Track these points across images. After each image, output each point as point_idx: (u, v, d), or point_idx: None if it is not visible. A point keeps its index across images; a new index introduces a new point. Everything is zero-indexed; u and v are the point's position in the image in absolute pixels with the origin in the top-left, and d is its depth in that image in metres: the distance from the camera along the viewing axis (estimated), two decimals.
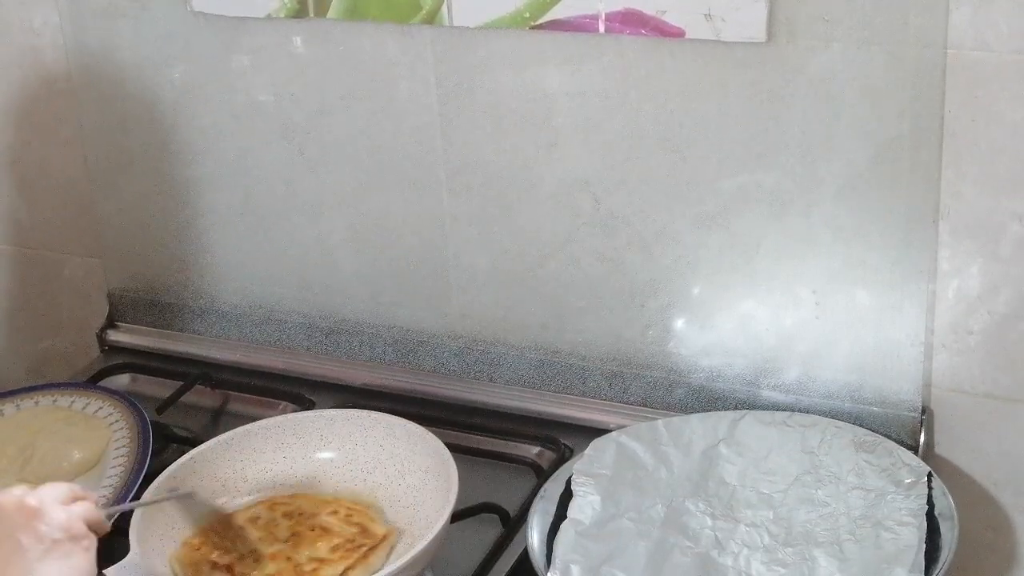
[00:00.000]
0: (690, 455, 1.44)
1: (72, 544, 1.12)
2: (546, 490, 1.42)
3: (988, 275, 1.40)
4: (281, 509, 1.42)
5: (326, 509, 1.41)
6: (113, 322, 1.87)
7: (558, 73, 1.47)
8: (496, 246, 1.60)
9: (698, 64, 1.41)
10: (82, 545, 1.13)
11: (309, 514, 1.41)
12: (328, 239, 1.69)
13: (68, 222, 1.89)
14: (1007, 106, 1.32)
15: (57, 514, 1.12)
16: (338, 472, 1.47)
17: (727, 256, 1.48)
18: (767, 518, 1.36)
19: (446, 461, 1.39)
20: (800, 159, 1.41)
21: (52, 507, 1.13)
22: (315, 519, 1.40)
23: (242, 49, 1.63)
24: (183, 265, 1.80)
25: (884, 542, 1.29)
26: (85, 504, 1.16)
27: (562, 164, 1.52)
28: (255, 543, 1.38)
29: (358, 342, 1.72)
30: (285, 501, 1.43)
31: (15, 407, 1.65)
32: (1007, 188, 1.36)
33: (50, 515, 1.12)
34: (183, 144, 1.72)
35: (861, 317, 1.45)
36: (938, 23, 1.30)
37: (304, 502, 1.43)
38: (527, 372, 1.64)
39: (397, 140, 1.59)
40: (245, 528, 1.40)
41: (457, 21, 1.49)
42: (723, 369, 1.54)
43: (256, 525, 1.41)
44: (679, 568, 1.31)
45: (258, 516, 1.42)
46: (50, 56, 1.77)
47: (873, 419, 1.46)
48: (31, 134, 1.85)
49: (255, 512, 1.42)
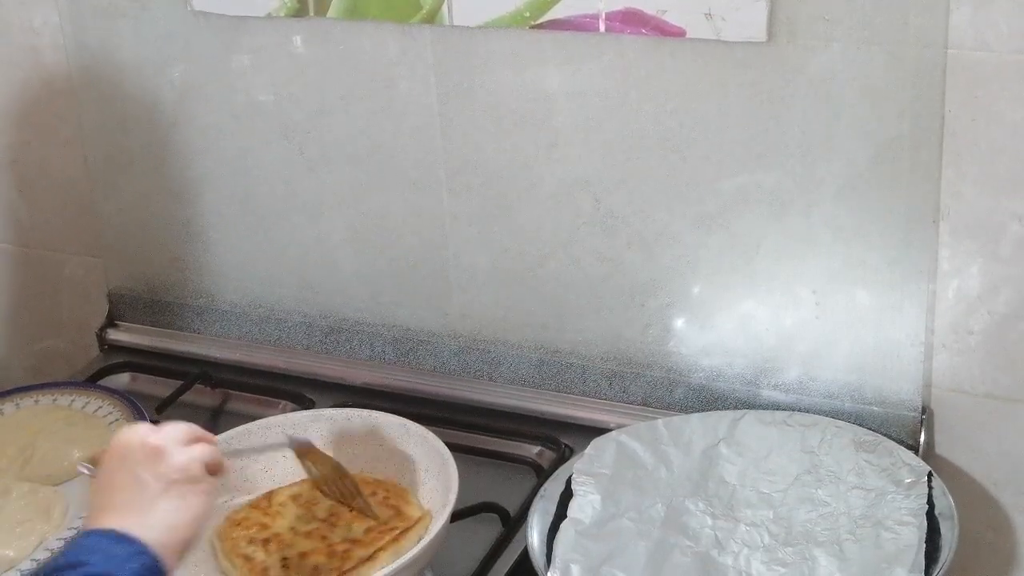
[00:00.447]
0: (690, 455, 1.44)
1: (190, 485, 1.16)
2: (546, 489, 1.42)
3: (988, 275, 1.40)
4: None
5: (365, 491, 1.41)
6: (113, 321, 1.87)
7: (558, 73, 1.47)
8: (496, 246, 1.60)
9: (698, 64, 1.41)
10: (200, 487, 1.17)
11: (352, 494, 1.40)
12: (328, 239, 1.69)
13: (68, 222, 1.89)
14: (1007, 106, 1.32)
15: (178, 455, 1.17)
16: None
17: (727, 256, 1.48)
18: (767, 518, 1.36)
19: (446, 460, 1.39)
20: (800, 159, 1.41)
21: (174, 448, 1.17)
22: (355, 500, 1.39)
23: (242, 49, 1.63)
24: (183, 264, 1.80)
25: (884, 542, 1.29)
26: (205, 446, 1.20)
27: (562, 164, 1.52)
28: (293, 521, 1.39)
29: (358, 341, 1.72)
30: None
31: (15, 406, 1.65)
32: (1007, 188, 1.36)
33: (171, 455, 1.16)
34: (183, 144, 1.72)
35: (861, 317, 1.45)
36: (938, 23, 1.30)
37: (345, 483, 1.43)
38: (527, 371, 1.64)
39: (397, 140, 1.59)
40: (286, 505, 1.41)
41: (457, 21, 1.49)
42: (723, 369, 1.54)
43: (297, 503, 1.41)
44: (679, 568, 1.31)
45: (300, 493, 1.43)
46: (50, 56, 1.77)
47: (873, 419, 1.46)
48: (31, 134, 1.85)
49: (298, 489, 1.43)
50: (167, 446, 1.17)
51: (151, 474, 1.15)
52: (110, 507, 1.13)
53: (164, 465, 1.15)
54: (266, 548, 1.36)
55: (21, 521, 1.44)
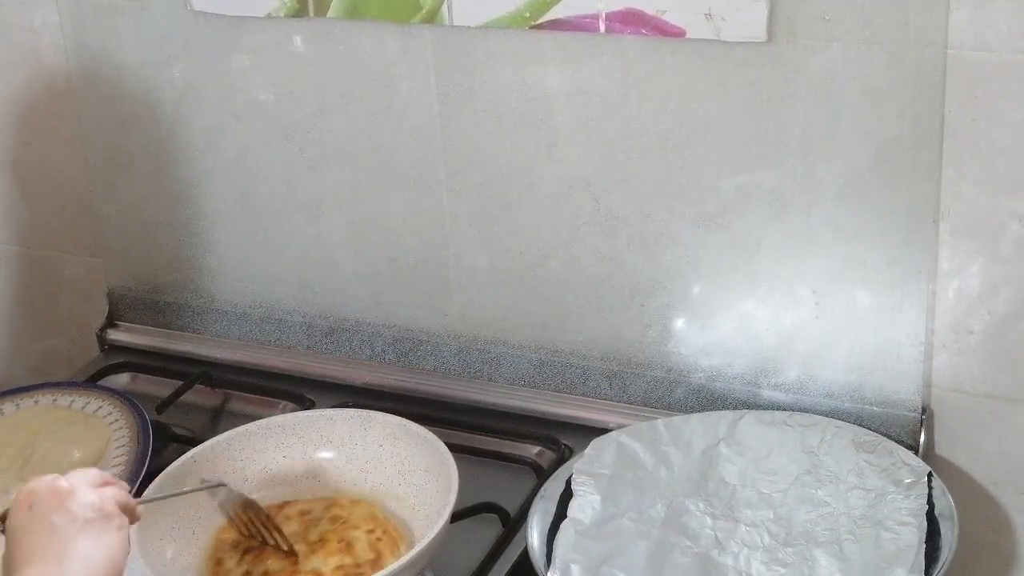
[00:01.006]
0: (690, 455, 1.44)
1: (104, 522, 1.13)
2: (546, 490, 1.42)
3: (988, 275, 1.40)
4: (334, 511, 1.42)
5: (365, 526, 1.40)
6: (113, 321, 1.87)
7: (558, 73, 1.47)
8: (496, 246, 1.60)
9: (698, 64, 1.41)
10: (114, 524, 1.14)
11: (351, 525, 1.40)
12: (328, 239, 1.69)
13: (68, 222, 1.89)
14: (1007, 106, 1.32)
15: (88, 494, 1.14)
16: (338, 471, 1.47)
17: (727, 256, 1.48)
18: (767, 518, 1.36)
19: (446, 461, 1.39)
20: (800, 159, 1.41)
21: (83, 488, 1.15)
22: (349, 532, 1.39)
23: (242, 48, 1.63)
24: (183, 264, 1.80)
25: (884, 542, 1.29)
26: (116, 488, 1.18)
27: (562, 164, 1.52)
28: (274, 537, 1.37)
29: (358, 341, 1.72)
30: (342, 504, 1.43)
31: (15, 406, 1.65)
32: (1007, 188, 1.36)
33: (81, 495, 1.14)
34: (183, 144, 1.72)
35: (861, 317, 1.45)
36: (938, 23, 1.30)
37: (355, 511, 1.42)
38: (527, 371, 1.64)
39: (397, 139, 1.59)
40: (270, 520, 1.39)
41: (457, 20, 1.49)
42: (723, 369, 1.54)
43: (303, 519, 1.41)
44: (679, 568, 1.31)
45: (309, 510, 1.42)
46: (50, 56, 1.77)
47: (873, 419, 1.46)
48: (31, 134, 1.85)
49: (308, 506, 1.43)
50: (76, 487, 1.14)
51: (63, 517, 1.11)
52: (26, 559, 1.09)
53: (75, 503, 1.12)
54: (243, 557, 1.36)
55: None
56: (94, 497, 1.14)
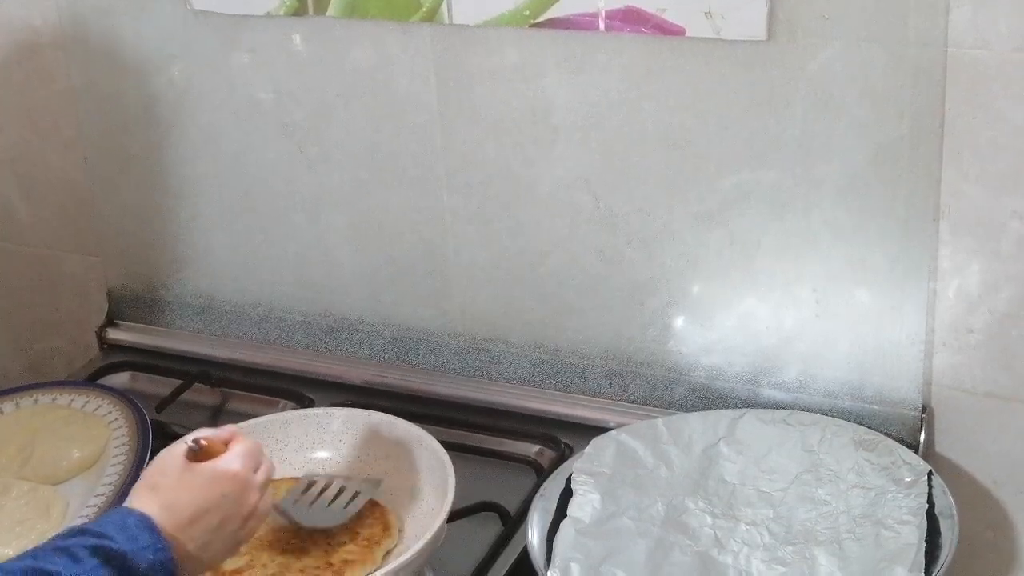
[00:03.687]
0: (690, 453, 1.44)
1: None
2: (546, 488, 1.41)
3: (988, 274, 1.40)
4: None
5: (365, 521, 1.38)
6: (112, 320, 1.87)
7: (558, 71, 1.47)
8: (496, 244, 1.60)
9: (698, 62, 1.41)
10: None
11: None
12: (328, 237, 1.69)
13: (68, 221, 1.89)
14: (1007, 105, 1.32)
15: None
16: (336, 470, 1.47)
17: (727, 254, 1.48)
18: (767, 516, 1.36)
19: (444, 461, 1.39)
20: (800, 158, 1.41)
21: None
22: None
23: (242, 47, 1.63)
24: (182, 263, 1.80)
25: (884, 541, 1.29)
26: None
27: (562, 162, 1.52)
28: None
29: (358, 340, 1.72)
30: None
31: (14, 405, 1.64)
32: (1007, 186, 1.36)
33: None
34: (183, 143, 1.72)
35: (861, 316, 1.45)
36: (938, 22, 1.30)
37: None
38: (527, 370, 1.64)
39: (397, 138, 1.59)
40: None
41: (457, 19, 1.49)
42: (723, 367, 1.54)
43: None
44: (679, 566, 1.31)
45: None
46: (50, 56, 1.77)
47: (873, 417, 1.46)
48: (31, 134, 1.85)
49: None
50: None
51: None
52: (173, 505, 1.12)
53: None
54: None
55: (20, 520, 1.44)
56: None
